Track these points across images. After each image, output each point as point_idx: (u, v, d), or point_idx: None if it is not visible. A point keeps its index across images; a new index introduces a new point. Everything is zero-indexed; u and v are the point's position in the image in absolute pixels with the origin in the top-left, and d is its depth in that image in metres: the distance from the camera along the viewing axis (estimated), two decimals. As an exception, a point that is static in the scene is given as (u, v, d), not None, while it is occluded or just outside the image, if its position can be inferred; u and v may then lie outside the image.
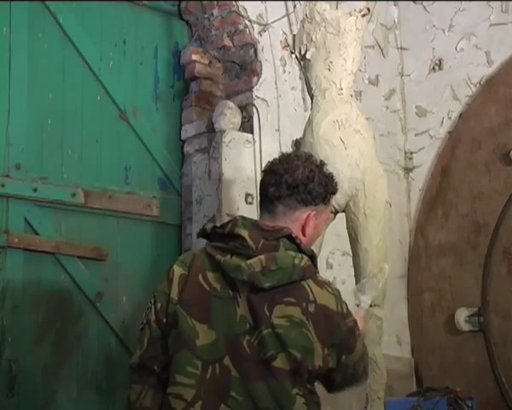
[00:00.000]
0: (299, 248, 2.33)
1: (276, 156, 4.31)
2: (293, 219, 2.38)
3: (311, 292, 2.29)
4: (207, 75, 4.49)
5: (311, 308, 2.27)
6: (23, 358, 3.66)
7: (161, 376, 2.33)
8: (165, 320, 2.33)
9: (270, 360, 2.23)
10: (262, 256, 2.26)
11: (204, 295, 2.29)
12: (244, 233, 2.30)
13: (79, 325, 3.88)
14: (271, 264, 2.25)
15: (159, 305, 2.35)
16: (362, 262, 3.37)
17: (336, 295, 2.38)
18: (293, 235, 2.33)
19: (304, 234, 2.41)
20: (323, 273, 4.44)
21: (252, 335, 2.24)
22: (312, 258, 2.37)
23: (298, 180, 2.39)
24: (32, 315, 3.73)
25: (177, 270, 2.37)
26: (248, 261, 2.25)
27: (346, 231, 3.47)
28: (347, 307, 2.41)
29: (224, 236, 2.34)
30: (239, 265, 2.26)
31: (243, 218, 2.38)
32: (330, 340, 2.30)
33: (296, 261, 2.28)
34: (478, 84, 4.77)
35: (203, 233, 2.40)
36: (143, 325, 2.40)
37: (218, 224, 2.42)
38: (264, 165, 4.22)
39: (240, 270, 2.25)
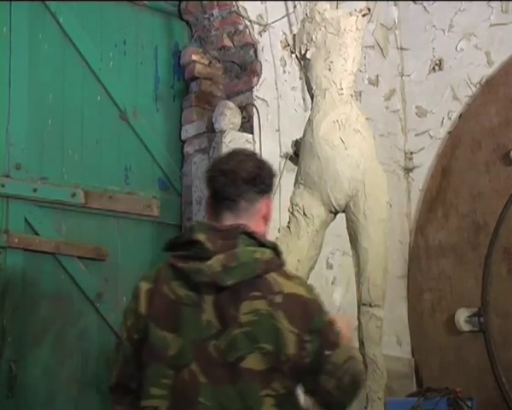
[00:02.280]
0: (260, 243, 2.31)
1: (277, 156, 4.38)
2: (255, 212, 2.36)
3: (277, 284, 2.25)
4: (207, 75, 4.49)
5: (279, 299, 2.24)
6: (23, 358, 3.66)
7: (139, 393, 2.32)
8: (136, 336, 2.33)
9: (238, 361, 2.20)
10: (221, 256, 2.24)
11: (171, 304, 2.28)
12: (201, 237, 2.28)
13: (79, 325, 3.88)
14: (232, 261, 2.23)
15: (129, 322, 2.36)
16: (362, 262, 3.37)
17: (306, 285, 2.35)
18: (250, 230, 2.30)
19: (266, 223, 2.41)
20: (323, 273, 4.45)
21: (219, 338, 2.22)
22: (275, 249, 2.34)
23: (252, 173, 2.37)
24: (31, 315, 3.73)
25: (143, 285, 2.36)
26: (208, 262, 2.24)
27: (346, 231, 3.47)
28: (319, 299, 2.36)
29: (184, 244, 2.33)
30: (200, 268, 2.24)
31: (199, 223, 2.40)
32: (309, 325, 2.25)
33: (257, 255, 2.26)
34: (478, 85, 4.77)
35: (166, 247, 2.39)
36: (117, 345, 2.41)
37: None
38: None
39: (201, 272, 2.24)
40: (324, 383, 2.29)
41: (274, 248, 2.33)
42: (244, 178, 2.35)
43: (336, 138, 3.40)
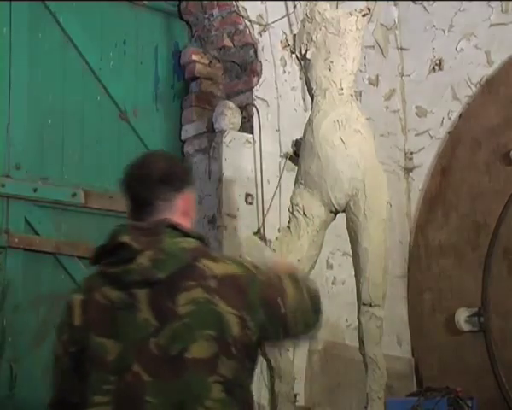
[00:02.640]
0: (185, 234, 2.30)
1: (277, 156, 4.38)
2: (175, 210, 2.35)
3: (209, 269, 2.24)
4: (207, 75, 4.49)
5: (213, 283, 2.23)
6: (23, 358, 3.66)
7: (83, 405, 2.29)
8: (73, 349, 2.30)
9: (182, 353, 2.18)
10: (149, 251, 2.23)
11: (105, 310, 2.26)
12: (126, 239, 2.27)
13: (80, 325, 3.88)
14: (160, 254, 2.22)
15: (64, 337, 2.33)
16: (362, 262, 3.37)
17: (236, 261, 2.35)
18: (174, 223, 2.30)
19: (189, 218, 2.40)
20: (323, 274, 4.45)
21: (158, 335, 2.19)
22: (201, 239, 2.34)
23: (165, 172, 2.38)
24: (32, 315, 3.73)
25: (76, 297, 2.34)
26: (137, 260, 2.23)
27: (346, 231, 3.47)
28: (255, 265, 2.36)
29: (111, 250, 2.31)
30: (129, 268, 2.24)
31: (121, 225, 2.37)
32: (246, 302, 2.25)
33: (184, 245, 2.26)
34: (478, 85, 4.77)
35: (93, 259, 2.38)
36: (53, 362, 2.38)
37: (219, 223, 2.42)
38: (264, 165, 4.29)
39: (131, 272, 2.23)
40: (293, 332, 2.35)
41: (199, 237, 2.34)
42: (157, 179, 2.36)
43: (336, 138, 3.40)
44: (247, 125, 4.36)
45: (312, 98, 3.51)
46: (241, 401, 2.23)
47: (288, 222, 3.50)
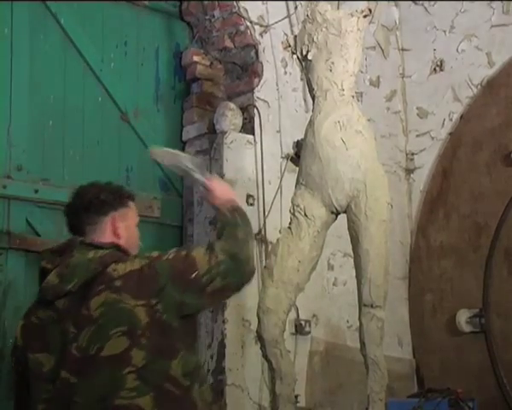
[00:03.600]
0: (97, 246, 2.59)
1: (278, 157, 4.38)
2: (103, 231, 2.66)
3: (116, 271, 2.49)
4: (208, 76, 4.49)
5: (119, 283, 2.47)
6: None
7: None
8: (20, 368, 2.61)
9: (99, 352, 2.43)
10: (57, 269, 2.55)
11: (37, 329, 2.57)
12: (43, 263, 2.62)
13: (81, 326, 3.88)
14: (65, 269, 2.53)
15: (14, 358, 2.65)
16: (363, 263, 3.37)
17: (142, 256, 2.58)
18: (87, 241, 2.61)
19: (118, 237, 2.68)
20: (324, 274, 4.45)
21: (77, 340, 2.46)
22: (118, 247, 2.61)
23: (90, 200, 2.69)
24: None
25: (19, 323, 2.66)
26: (48, 279, 2.55)
27: (347, 232, 3.47)
28: (159, 252, 2.60)
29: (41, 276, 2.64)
30: (44, 287, 2.56)
31: (43, 251, 2.71)
32: (155, 287, 2.48)
33: (91, 255, 2.53)
34: (479, 86, 4.77)
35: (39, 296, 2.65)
36: (12, 379, 2.70)
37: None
38: (265, 166, 4.29)
39: (46, 290, 2.55)
40: (212, 287, 2.53)
41: (114, 247, 2.61)
42: (83, 208, 2.69)
43: (337, 139, 3.40)
44: (248, 127, 4.36)
45: (313, 99, 3.51)
46: (155, 385, 2.43)
47: (289, 223, 3.50)
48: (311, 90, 3.53)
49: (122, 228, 2.69)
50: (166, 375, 2.46)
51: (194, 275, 2.51)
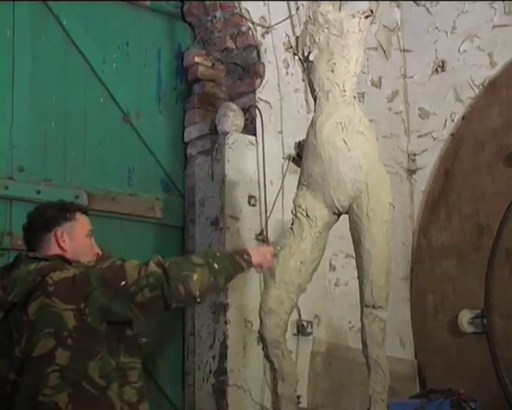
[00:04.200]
0: (41, 259, 2.80)
1: (280, 158, 4.38)
2: (49, 245, 2.88)
3: (51, 279, 2.70)
4: (210, 77, 4.49)
5: (52, 289, 2.68)
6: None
7: None
8: None
9: (30, 352, 2.64)
10: (2, 282, 2.78)
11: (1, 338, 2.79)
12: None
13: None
14: (7, 281, 2.76)
15: None
16: (365, 264, 3.37)
17: (76, 266, 2.77)
18: (30, 255, 2.83)
19: (63, 249, 2.88)
20: (326, 275, 4.45)
21: (20, 343, 2.67)
22: (62, 258, 2.82)
23: (34, 221, 2.92)
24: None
25: None
26: None
27: (349, 232, 3.47)
28: (96, 261, 2.82)
29: None
30: None
31: (1, 269, 2.89)
32: (84, 293, 2.66)
33: (31, 267, 2.75)
34: (481, 86, 4.77)
35: None
36: None
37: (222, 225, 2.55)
38: (267, 167, 4.29)
39: None
40: (140, 298, 2.67)
41: (60, 258, 2.81)
42: (31, 228, 2.93)
43: (339, 140, 3.39)
44: (249, 127, 4.36)
45: (315, 100, 3.51)
46: (73, 383, 2.61)
47: (291, 224, 3.50)
48: (312, 90, 3.53)
49: (67, 241, 2.89)
50: (84, 374, 2.64)
51: (122, 284, 2.67)
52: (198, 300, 2.75)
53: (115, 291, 2.67)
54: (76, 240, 2.92)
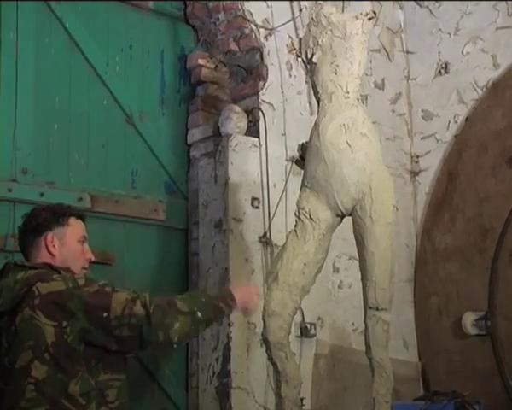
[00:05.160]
0: (29, 267, 2.82)
1: (283, 160, 4.38)
2: (39, 250, 2.90)
3: (37, 290, 2.71)
4: (213, 79, 4.49)
5: (37, 301, 2.69)
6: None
7: None
8: None
9: (14, 364, 2.68)
10: None
11: None
12: None
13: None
14: None
15: None
16: (368, 266, 3.36)
17: (66, 278, 2.76)
18: (19, 262, 2.87)
19: (52, 255, 2.89)
20: (330, 277, 4.45)
21: (9, 352, 2.70)
22: (50, 266, 2.81)
23: (27, 223, 2.94)
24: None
25: None
26: None
27: (352, 234, 3.46)
28: (87, 281, 2.78)
29: None
30: None
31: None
32: (68, 312, 2.68)
33: (18, 277, 2.76)
34: (484, 88, 4.77)
35: None
36: None
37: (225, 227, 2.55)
38: (270, 169, 4.29)
39: None
40: (118, 333, 2.69)
41: (47, 266, 2.81)
42: (24, 230, 2.96)
43: (342, 142, 3.39)
44: (253, 129, 4.36)
45: (318, 102, 3.51)
46: (51, 399, 2.64)
47: (295, 226, 3.50)
48: (315, 92, 3.53)
49: (57, 246, 2.90)
50: (64, 392, 2.65)
51: (104, 315, 2.69)
52: (175, 346, 2.79)
53: (96, 319, 2.70)
54: (66, 246, 2.93)
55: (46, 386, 2.64)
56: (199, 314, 2.78)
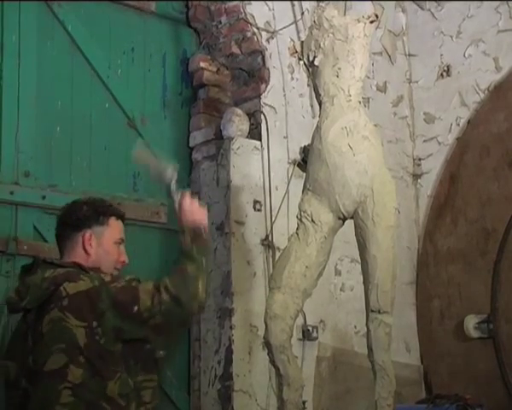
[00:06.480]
0: (57, 265, 2.79)
1: (285, 163, 4.38)
2: (74, 246, 2.86)
3: (65, 291, 2.67)
4: (215, 82, 4.49)
5: (65, 302, 2.65)
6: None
7: None
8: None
9: (42, 366, 2.62)
10: (18, 286, 2.80)
11: (14, 339, 2.82)
12: (18, 282, 2.85)
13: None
14: (22, 286, 2.76)
15: None
16: (370, 269, 3.36)
17: (91, 276, 2.73)
18: (48, 260, 2.83)
19: (87, 253, 2.86)
20: (332, 280, 4.45)
21: (33, 352, 2.67)
22: (79, 266, 2.78)
23: (68, 214, 2.90)
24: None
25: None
26: (10, 296, 2.81)
27: (354, 237, 3.47)
28: (113, 277, 2.78)
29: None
30: (6, 302, 2.83)
31: (21, 270, 2.88)
32: (97, 311, 2.64)
33: (46, 275, 2.72)
34: (486, 91, 4.77)
35: None
36: None
37: (227, 230, 2.57)
38: (272, 172, 4.29)
39: (7, 305, 2.82)
40: (153, 322, 2.67)
41: (77, 266, 2.78)
42: (63, 221, 2.91)
43: (344, 145, 3.39)
44: (255, 132, 4.36)
45: (320, 105, 3.51)
46: (89, 403, 2.60)
47: (297, 229, 3.50)
48: (317, 95, 3.53)
49: (94, 245, 2.86)
50: (103, 394, 2.62)
51: (135, 309, 2.66)
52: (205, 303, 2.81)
53: (127, 315, 2.67)
54: (103, 246, 2.89)
55: (83, 390, 2.60)
56: (203, 261, 2.80)
